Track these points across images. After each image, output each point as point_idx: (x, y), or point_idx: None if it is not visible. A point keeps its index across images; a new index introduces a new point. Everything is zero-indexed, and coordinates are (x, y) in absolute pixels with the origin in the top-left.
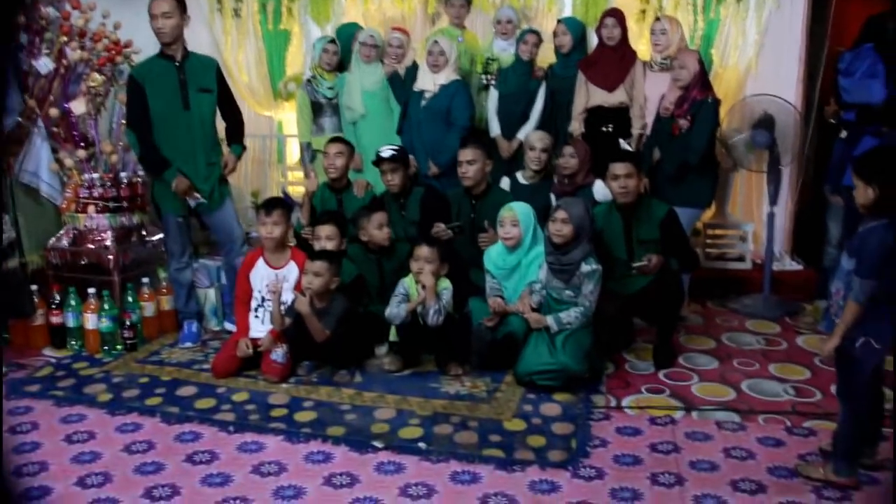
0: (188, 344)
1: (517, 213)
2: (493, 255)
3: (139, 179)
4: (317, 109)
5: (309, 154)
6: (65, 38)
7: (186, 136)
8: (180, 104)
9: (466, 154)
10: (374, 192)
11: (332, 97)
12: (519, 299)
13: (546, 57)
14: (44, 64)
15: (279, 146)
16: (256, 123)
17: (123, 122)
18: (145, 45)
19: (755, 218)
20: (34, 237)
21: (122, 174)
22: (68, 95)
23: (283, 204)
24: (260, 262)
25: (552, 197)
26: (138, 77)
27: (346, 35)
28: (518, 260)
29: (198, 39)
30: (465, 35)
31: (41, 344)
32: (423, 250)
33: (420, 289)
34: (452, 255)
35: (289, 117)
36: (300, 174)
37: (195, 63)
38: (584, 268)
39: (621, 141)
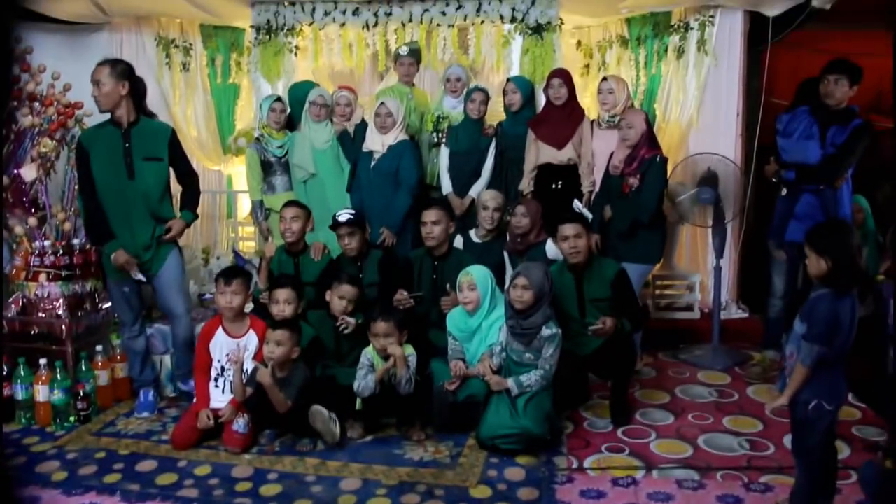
0: (145, 414)
1: (474, 278)
2: (455, 318)
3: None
4: (267, 168)
5: (261, 212)
6: (15, 103)
7: (130, 205)
8: (124, 172)
9: (431, 215)
10: (331, 256)
11: (281, 156)
12: (479, 362)
13: (496, 113)
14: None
15: (229, 201)
16: (206, 178)
17: (76, 187)
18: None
19: (700, 268)
20: None
21: (75, 241)
22: (18, 161)
23: (242, 273)
24: (219, 332)
25: (505, 255)
26: (84, 143)
27: (299, 93)
28: (479, 323)
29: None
30: (414, 93)
31: None
32: (381, 326)
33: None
34: (410, 317)
35: (238, 171)
36: (251, 229)
37: (144, 130)
38: (545, 332)
39: (575, 202)
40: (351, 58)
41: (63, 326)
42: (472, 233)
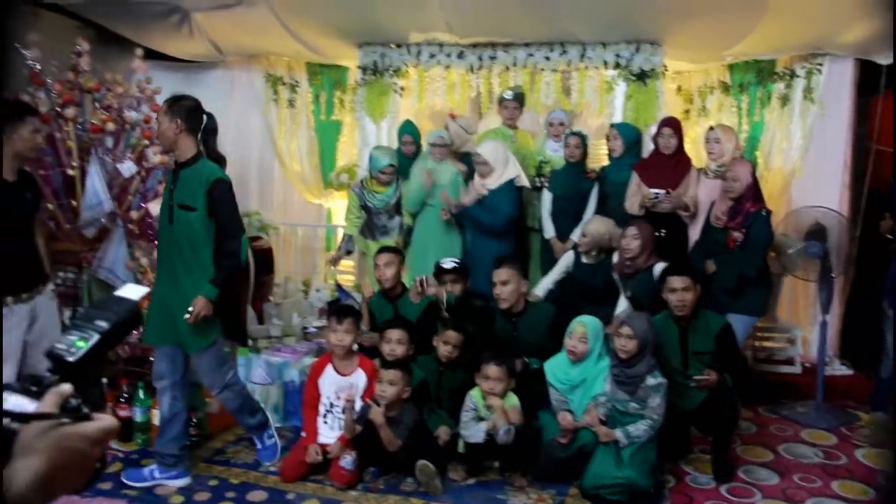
0: (269, 462)
1: (587, 329)
2: (556, 369)
3: None
4: (366, 211)
5: (349, 245)
6: (146, 142)
7: (171, 251)
8: (167, 216)
9: (501, 275)
10: (431, 300)
11: (380, 207)
12: (586, 412)
13: (600, 157)
14: (128, 167)
15: (328, 234)
16: (306, 211)
17: None
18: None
19: (802, 320)
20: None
21: None
22: (146, 196)
23: (353, 312)
24: (328, 369)
25: (614, 276)
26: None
27: (409, 133)
28: (584, 375)
29: (253, 127)
30: (517, 135)
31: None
32: (493, 370)
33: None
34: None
35: (338, 206)
36: (349, 262)
37: (190, 174)
38: (650, 381)
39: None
40: (454, 99)
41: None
42: (582, 255)
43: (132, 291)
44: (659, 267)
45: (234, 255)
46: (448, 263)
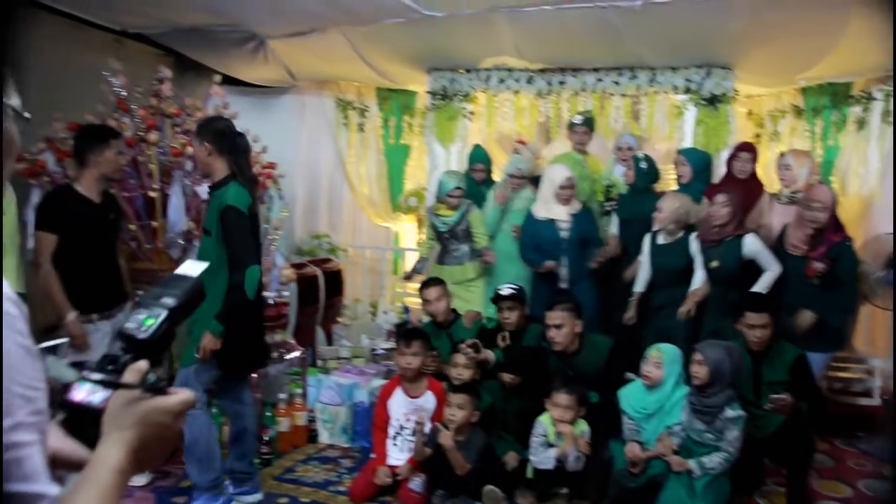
0: None
1: (663, 355)
2: (631, 397)
3: (283, 300)
4: (437, 235)
5: (423, 266)
6: None
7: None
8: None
9: (554, 318)
10: (484, 323)
11: (445, 231)
12: (659, 441)
13: (669, 182)
14: (204, 189)
15: (396, 258)
16: (374, 235)
17: (271, 245)
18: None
19: (881, 351)
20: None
21: (269, 294)
22: None
23: (422, 335)
24: (398, 391)
25: (695, 246)
26: None
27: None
28: (660, 403)
29: (323, 151)
30: (586, 160)
31: (179, 452)
32: (563, 398)
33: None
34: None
35: (405, 229)
36: (415, 285)
37: (215, 198)
38: (729, 413)
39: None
40: (523, 124)
41: (254, 375)
42: (659, 235)
43: (192, 268)
44: (750, 239)
45: (237, 288)
46: (505, 290)
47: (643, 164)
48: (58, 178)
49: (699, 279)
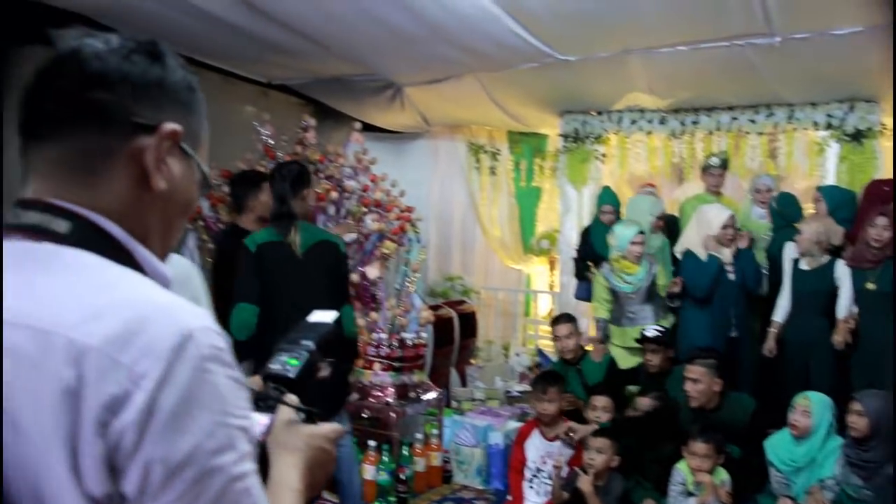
0: None
1: (811, 403)
2: (778, 447)
3: (422, 341)
4: (615, 297)
5: (605, 330)
6: (364, 209)
7: None
8: None
9: (692, 372)
10: (611, 357)
11: (629, 292)
12: (810, 495)
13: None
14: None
15: (528, 299)
16: (506, 276)
17: (409, 287)
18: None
19: None
20: None
21: (406, 335)
22: (363, 260)
23: (559, 380)
24: (535, 433)
25: (844, 272)
26: None
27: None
28: (811, 455)
29: (455, 194)
30: (722, 201)
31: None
32: (700, 447)
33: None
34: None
35: (537, 271)
36: (547, 327)
37: None
38: (890, 469)
39: None
40: (656, 165)
41: (392, 413)
42: (802, 261)
43: (323, 316)
44: None
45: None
46: (651, 332)
47: (774, 205)
48: (211, 221)
49: (845, 306)
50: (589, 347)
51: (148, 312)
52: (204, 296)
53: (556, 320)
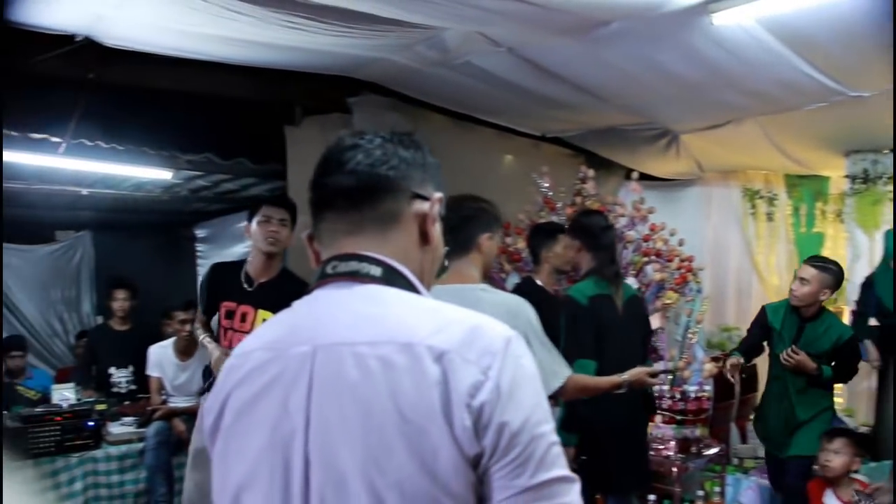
0: None
1: None
2: None
3: (705, 394)
4: None
5: None
6: (644, 259)
7: None
8: None
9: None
10: None
11: None
12: None
13: None
14: (630, 283)
15: None
16: None
17: (691, 337)
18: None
19: None
20: None
21: (689, 388)
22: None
23: (849, 434)
24: (827, 493)
25: None
26: None
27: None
28: None
29: (730, 241)
30: None
31: None
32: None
33: None
34: None
35: None
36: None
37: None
38: None
39: None
40: None
41: (673, 468)
42: None
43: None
44: None
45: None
46: None
47: None
48: (493, 273)
49: None
50: None
51: (475, 326)
52: (533, 331)
53: None
